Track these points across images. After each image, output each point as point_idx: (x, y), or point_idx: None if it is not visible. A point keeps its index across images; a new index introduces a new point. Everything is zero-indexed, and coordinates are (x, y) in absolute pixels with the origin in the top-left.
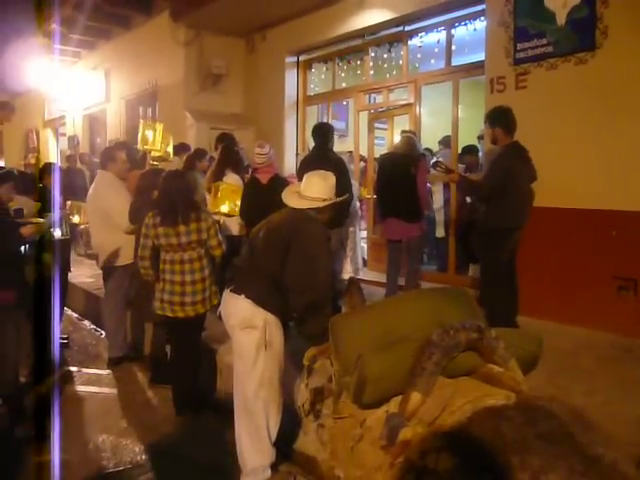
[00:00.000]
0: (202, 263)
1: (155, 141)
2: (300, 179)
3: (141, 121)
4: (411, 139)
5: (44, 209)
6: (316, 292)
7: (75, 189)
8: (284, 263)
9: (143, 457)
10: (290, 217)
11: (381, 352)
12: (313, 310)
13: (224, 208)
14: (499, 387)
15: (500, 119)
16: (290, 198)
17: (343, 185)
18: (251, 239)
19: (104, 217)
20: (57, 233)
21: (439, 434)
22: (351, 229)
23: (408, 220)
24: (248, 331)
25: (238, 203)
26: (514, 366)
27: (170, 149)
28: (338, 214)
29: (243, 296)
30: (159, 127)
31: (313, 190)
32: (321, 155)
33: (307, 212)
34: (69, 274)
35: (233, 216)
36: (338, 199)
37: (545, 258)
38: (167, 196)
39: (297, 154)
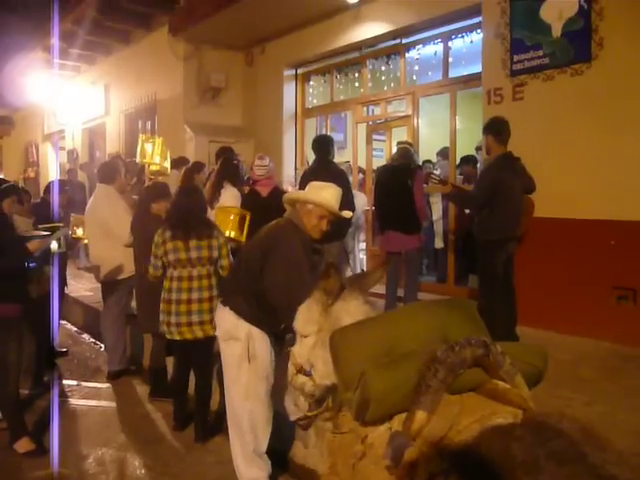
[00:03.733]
0: (211, 281)
1: (153, 155)
2: None
3: (141, 135)
4: (407, 150)
5: (40, 222)
6: (292, 309)
7: (75, 204)
8: (260, 279)
9: (142, 471)
10: (271, 233)
11: (385, 369)
12: None
13: (231, 233)
14: (506, 404)
15: (492, 127)
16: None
17: (346, 198)
18: (240, 251)
19: (103, 230)
20: (53, 246)
21: (446, 455)
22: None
23: (407, 232)
24: (230, 343)
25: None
26: (520, 382)
27: (167, 164)
28: (336, 227)
29: (228, 308)
30: (158, 141)
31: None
32: (323, 167)
33: (293, 225)
34: (66, 288)
35: (239, 242)
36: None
37: (544, 268)
38: (180, 211)
39: (296, 168)
